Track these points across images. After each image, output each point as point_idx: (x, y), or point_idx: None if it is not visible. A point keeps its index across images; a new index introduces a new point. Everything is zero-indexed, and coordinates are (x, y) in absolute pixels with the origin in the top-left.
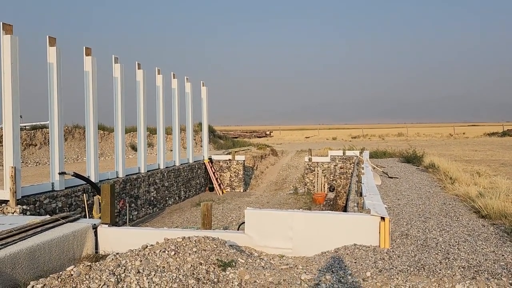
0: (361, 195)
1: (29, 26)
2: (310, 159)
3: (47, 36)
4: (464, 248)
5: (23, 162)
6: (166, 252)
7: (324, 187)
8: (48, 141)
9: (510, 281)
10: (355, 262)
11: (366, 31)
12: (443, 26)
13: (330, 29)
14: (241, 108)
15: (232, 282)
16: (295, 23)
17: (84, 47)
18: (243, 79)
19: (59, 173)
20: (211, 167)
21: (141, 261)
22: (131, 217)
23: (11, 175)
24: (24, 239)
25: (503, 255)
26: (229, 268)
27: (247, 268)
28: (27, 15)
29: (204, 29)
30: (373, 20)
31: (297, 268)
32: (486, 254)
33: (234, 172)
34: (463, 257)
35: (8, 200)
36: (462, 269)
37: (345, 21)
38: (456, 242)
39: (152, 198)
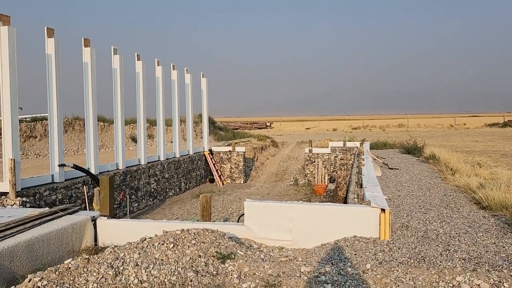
0: (361, 186)
1: (27, 16)
2: (310, 150)
3: (45, 27)
4: (464, 239)
5: (23, 154)
6: (165, 244)
7: (324, 178)
8: (48, 133)
9: (511, 273)
10: (355, 254)
11: (367, 21)
12: (444, 15)
13: (334, 19)
14: (241, 99)
15: (231, 275)
16: (296, 14)
17: (82, 38)
18: (244, 70)
19: (59, 165)
20: (211, 159)
21: (139, 253)
22: (131, 209)
23: (10, 167)
24: (23, 232)
25: (504, 247)
26: (228, 260)
27: (246, 261)
28: (25, 5)
29: (203, 20)
30: (374, 9)
31: (297, 260)
32: (487, 246)
33: (235, 163)
34: (463, 249)
35: (8, 192)
36: (463, 261)
37: (347, 10)
38: (456, 233)
39: (153, 190)
